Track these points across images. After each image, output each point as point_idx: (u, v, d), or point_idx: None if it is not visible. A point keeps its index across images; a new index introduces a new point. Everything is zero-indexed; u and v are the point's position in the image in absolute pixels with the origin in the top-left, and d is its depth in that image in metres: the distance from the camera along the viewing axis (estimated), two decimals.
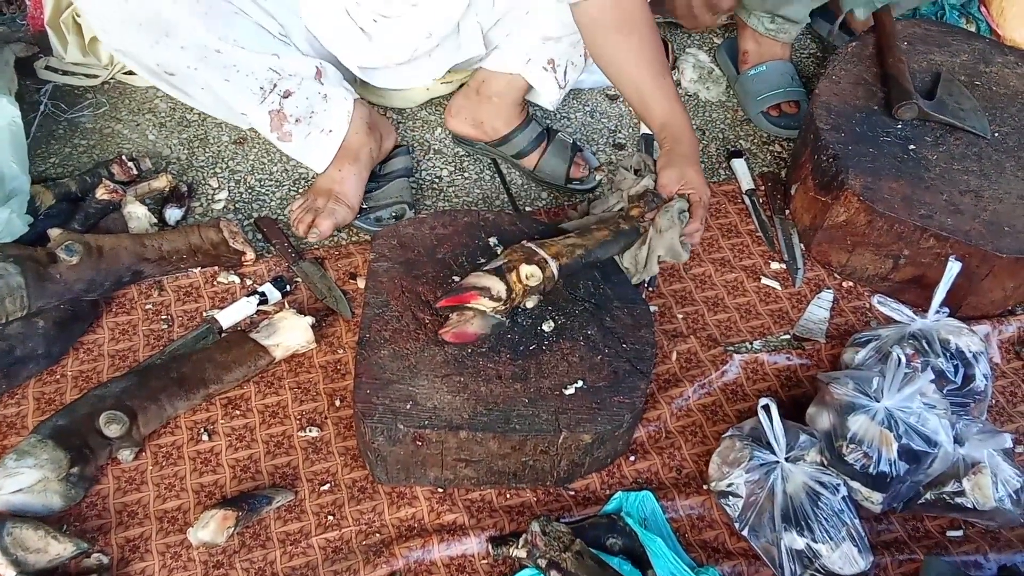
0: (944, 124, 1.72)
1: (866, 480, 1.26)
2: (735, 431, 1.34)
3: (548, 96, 1.71)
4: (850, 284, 1.68)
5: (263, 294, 1.49)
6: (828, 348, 1.56)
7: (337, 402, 1.39)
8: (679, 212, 1.42)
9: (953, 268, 1.40)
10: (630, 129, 1.96)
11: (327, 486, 1.29)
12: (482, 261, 1.37)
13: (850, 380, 1.30)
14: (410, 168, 1.74)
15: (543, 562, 1.18)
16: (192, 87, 1.54)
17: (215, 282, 1.52)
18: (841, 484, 1.25)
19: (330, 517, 1.26)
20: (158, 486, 1.27)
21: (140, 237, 1.49)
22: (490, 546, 1.23)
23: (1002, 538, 1.34)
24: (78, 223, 1.50)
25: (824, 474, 1.26)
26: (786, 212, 1.79)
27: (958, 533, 1.34)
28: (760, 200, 1.81)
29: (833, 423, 1.28)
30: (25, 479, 1.17)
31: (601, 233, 1.37)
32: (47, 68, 1.83)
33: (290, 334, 1.40)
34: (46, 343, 1.36)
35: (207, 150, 1.77)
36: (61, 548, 1.14)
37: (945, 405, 1.30)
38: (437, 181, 1.79)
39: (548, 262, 1.29)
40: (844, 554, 1.21)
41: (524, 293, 1.28)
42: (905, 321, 1.45)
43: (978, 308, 1.62)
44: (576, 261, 1.33)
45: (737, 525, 1.28)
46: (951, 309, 1.50)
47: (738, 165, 1.86)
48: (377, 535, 1.25)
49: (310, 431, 1.35)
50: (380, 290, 1.34)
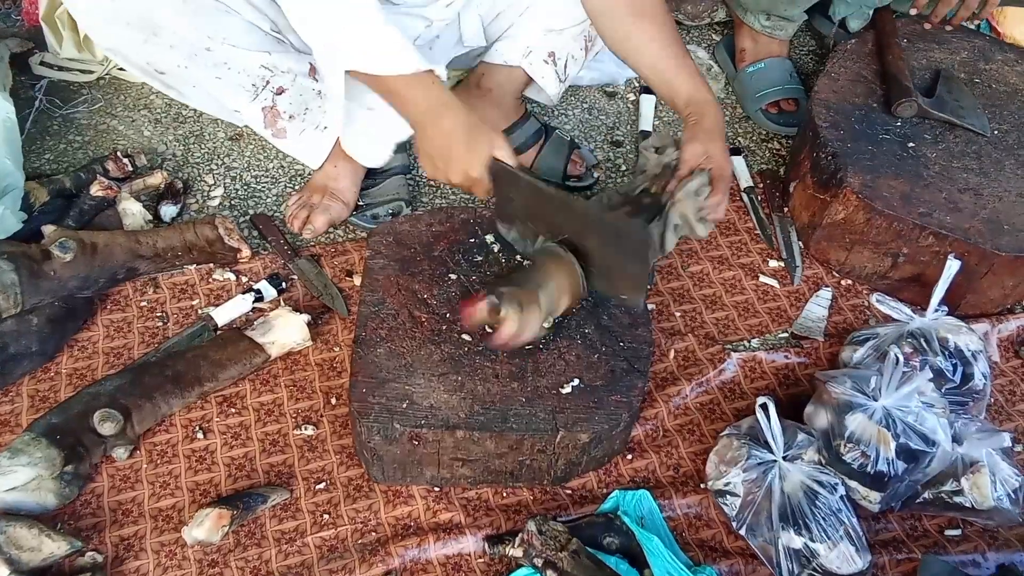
0: (943, 122, 1.71)
1: (864, 479, 1.26)
2: (733, 430, 1.33)
3: (548, 90, 1.70)
4: (849, 282, 1.68)
5: (259, 291, 1.48)
6: (826, 346, 1.55)
7: (333, 400, 1.38)
8: (699, 187, 1.38)
9: (952, 266, 1.40)
10: (628, 126, 1.96)
11: (323, 485, 1.29)
12: (479, 259, 1.37)
13: (848, 379, 1.29)
14: (407, 165, 1.73)
15: (539, 561, 1.17)
16: (184, 85, 1.52)
17: (210, 279, 1.52)
18: (839, 483, 1.25)
19: (326, 516, 1.26)
20: (153, 484, 1.27)
21: (135, 234, 1.48)
22: (486, 545, 1.23)
23: (1000, 537, 1.34)
24: (72, 220, 1.50)
25: (822, 473, 1.25)
26: (785, 210, 1.78)
27: (956, 532, 1.34)
28: (759, 198, 1.81)
29: (831, 422, 1.28)
30: (19, 477, 1.16)
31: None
32: (42, 64, 1.83)
33: (286, 332, 1.39)
34: (40, 340, 1.35)
35: (203, 146, 1.77)
36: (55, 546, 1.13)
37: (943, 404, 1.30)
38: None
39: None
40: (842, 553, 1.21)
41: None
42: (904, 319, 1.45)
43: (977, 306, 1.62)
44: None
45: (734, 524, 1.28)
46: (950, 307, 1.50)
47: (737, 163, 1.86)
48: (373, 534, 1.25)
49: (306, 429, 1.35)
50: (376, 288, 1.33)
